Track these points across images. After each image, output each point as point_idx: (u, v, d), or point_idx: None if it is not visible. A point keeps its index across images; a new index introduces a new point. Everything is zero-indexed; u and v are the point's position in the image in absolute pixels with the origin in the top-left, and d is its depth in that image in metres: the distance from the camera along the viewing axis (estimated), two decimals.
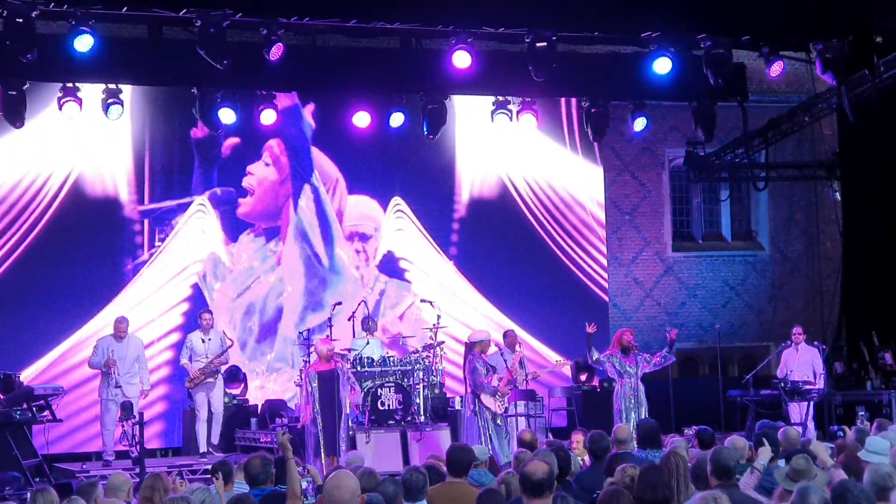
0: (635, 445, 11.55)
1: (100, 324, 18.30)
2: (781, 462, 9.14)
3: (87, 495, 8.56)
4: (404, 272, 20.66)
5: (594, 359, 16.25)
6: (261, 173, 19.93)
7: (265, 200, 19.97)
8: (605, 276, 21.76)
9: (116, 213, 19.01)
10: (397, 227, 20.64)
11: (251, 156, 19.81)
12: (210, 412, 17.30)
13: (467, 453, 9.35)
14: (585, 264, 21.52)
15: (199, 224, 19.43)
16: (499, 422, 15.74)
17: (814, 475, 8.32)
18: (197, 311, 18.41)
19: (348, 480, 6.76)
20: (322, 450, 15.27)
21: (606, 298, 21.71)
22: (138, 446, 14.35)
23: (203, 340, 17.23)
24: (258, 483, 8.78)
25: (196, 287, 19.37)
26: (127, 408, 15.26)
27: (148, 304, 19.00)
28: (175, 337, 18.88)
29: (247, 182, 19.84)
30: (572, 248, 21.42)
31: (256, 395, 19.10)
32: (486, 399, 15.70)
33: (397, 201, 20.58)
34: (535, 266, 21.10)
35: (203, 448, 17.11)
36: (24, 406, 15.79)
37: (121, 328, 16.84)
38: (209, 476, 9.45)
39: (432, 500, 8.38)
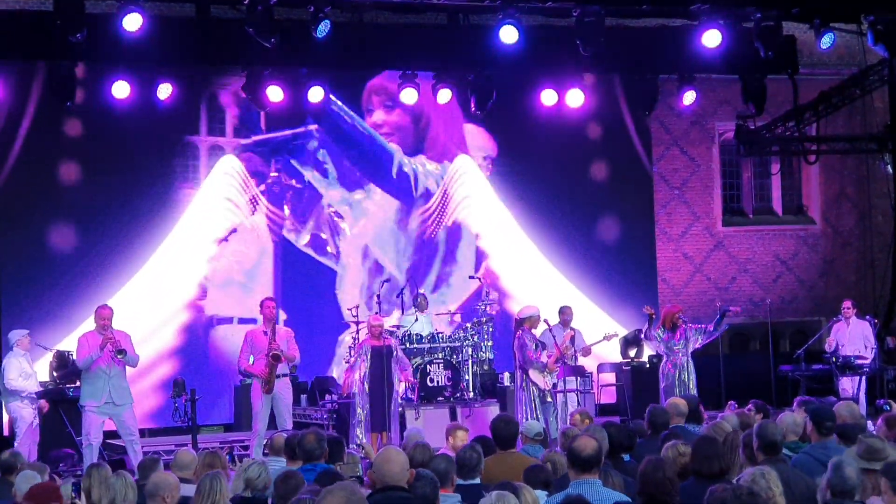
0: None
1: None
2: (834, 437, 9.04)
3: (150, 471, 8.62)
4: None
5: (649, 336, 16.42)
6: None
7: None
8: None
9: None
10: (463, 193, 20.73)
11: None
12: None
13: (512, 425, 9.38)
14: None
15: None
16: (547, 398, 15.74)
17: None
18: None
19: (396, 455, 6.81)
20: (370, 426, 15.31)
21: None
22: (190, 422, 14.45)
23: (265, 333, 14.83)
24: (313, 458, 8.80)
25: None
26: (179, 384, 15.34)
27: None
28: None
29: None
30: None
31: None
32: (534, 375, 15.72)
33: (462, 160, 20.69)
34: (599, 231, 21.28)
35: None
36: (77, 383, 15.93)
37: (101, 320, 14.07)
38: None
39: (487, 473, 8.38)
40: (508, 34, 17.06)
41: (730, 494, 5.93)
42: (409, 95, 19.03)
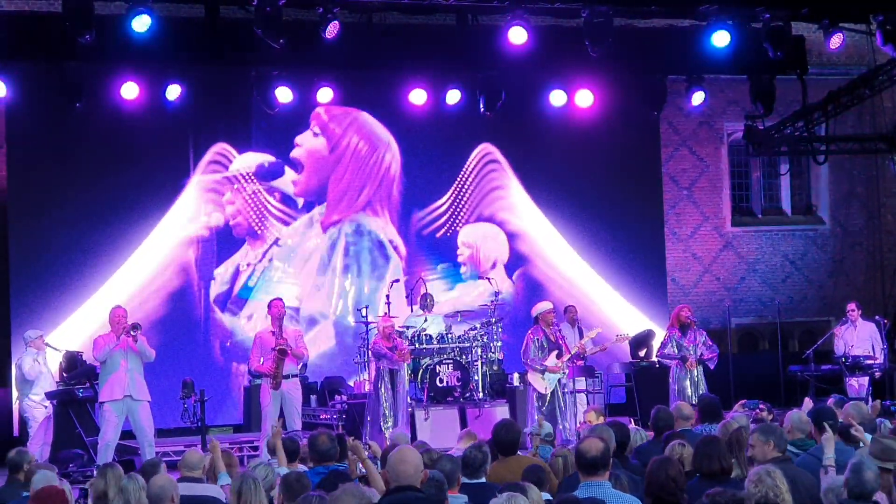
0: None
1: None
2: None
3: (151, 474, 8.61)
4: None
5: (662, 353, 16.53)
6: (310, 144, 19.99)
7: (318, 173, 20.04)
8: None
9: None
10: (491, 184, 20.75)
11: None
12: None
13: (512, 431, 9.34)
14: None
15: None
16: (547, 400, 15.73)
17: None
18: None
19: (411, 455, 6.76)
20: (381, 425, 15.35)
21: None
22: (199, 423, 14.46)
23: (273, 333, 14.87)
24: (325, 459, 8.80)
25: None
26: (188, 384, 15.34)
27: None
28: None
29: (296, 153, 19.97)
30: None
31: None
32: (531, 377, 15.76)
33: (488, 149, 20.72)
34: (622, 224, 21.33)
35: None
36: (87, 384, 15.98)
37: (116, 318, 14.28)
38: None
39: (490, 479, 8.38)
40: (517, 35, 17.04)
41: (722, 500, 5.94)
42: (417, 96, 19.14)
